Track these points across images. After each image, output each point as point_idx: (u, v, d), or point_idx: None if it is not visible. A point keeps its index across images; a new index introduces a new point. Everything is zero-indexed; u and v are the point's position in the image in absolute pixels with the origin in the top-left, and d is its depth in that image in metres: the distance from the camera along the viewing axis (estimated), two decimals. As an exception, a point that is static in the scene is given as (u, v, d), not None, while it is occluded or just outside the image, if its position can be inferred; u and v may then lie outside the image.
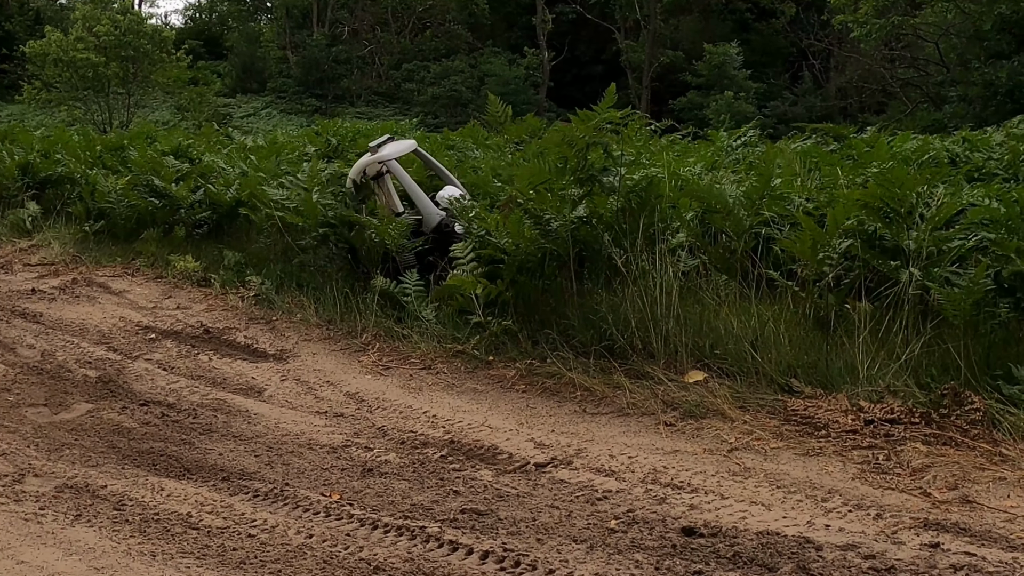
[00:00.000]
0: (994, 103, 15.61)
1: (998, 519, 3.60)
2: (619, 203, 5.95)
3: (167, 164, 10.01)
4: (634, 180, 5.86)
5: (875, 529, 3.56)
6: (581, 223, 6.02)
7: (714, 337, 5.53)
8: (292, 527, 3.72)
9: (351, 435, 5.16)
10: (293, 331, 7.33)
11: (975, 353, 4.82)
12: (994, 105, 15.62)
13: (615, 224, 6.01)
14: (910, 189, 4.92)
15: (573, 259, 6.11)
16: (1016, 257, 4.79)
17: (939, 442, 4.29)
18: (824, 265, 5.12)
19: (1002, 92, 15.24)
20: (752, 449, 4.52)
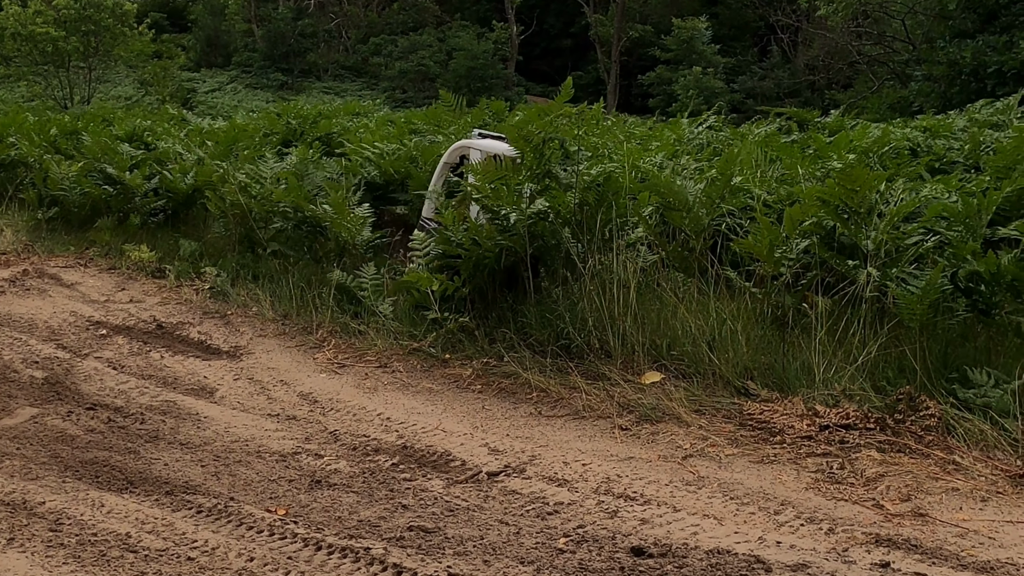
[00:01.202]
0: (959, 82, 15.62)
1: (949, 534, 3.56)
2: (577, 198, 5.85)
3: (121, 151, 9.78)
4: (591, 176, 5.76)
5: (826, 546, 3.51)
6: (538, 219, 5.92)
7: (671, 337, 5.47)
8: (233, 549, 3.62)
9: (302, 440, 5.06)
10: (248, 326, 7.20)
11: (932, 355, 4.79)
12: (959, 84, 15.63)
13: (572, 220, 5.92)
14: (868, 190, 4.86)
15: (530, 256, 6.02)
16: (971, 258, 4.74)
17: (893, 449, 4.25)
18: (781, 265, 5.06)
19: (966, 72, 15.24)
20: (707, 456, 4.47)
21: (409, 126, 11.27)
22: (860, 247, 5.00)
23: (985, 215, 5.22)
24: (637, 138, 9.46)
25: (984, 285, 4.73)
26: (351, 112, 13.35)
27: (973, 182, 6.38)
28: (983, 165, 6.98)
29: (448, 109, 10.75)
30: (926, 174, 6.77)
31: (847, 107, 26.23)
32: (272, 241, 7.91)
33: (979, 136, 7.62)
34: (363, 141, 9.32)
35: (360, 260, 7.36)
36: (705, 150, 8.62)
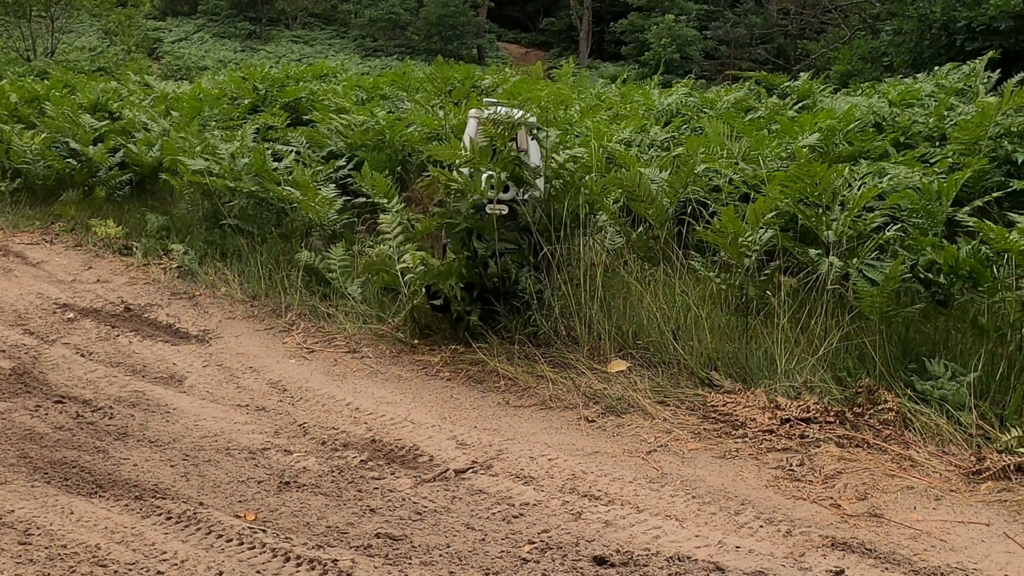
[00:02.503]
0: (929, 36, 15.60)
1: (903, 536, 3.66)
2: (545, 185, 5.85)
3: (84, 124, 9.65)
4: (559, 162, 5.76)
5: (784, 550, 3.60)
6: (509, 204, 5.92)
7: (637, 324, 5.52)
8: (203, 561, 3.67)
9: (271, 434, 5.10)
10: (216, 308, 7.19)
11: (891, 345, 4.87)
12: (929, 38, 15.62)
13: (541, 206, 5.92)
14: (828, 184, 4.90)
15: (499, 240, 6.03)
16: (930, 250, 4.81)
17: (852, 444, 4.34)
18: (744, 257, 5.10)
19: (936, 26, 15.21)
20: (670, 451, 4.54)
21: (378, 91, 11.16)
22: (822, 239, 5.05)
23: (946, 200, 5.28)
24: (606, 105, 9.43)
25: (943, 276, 4.80)
26: (318, 74, 13.19)
27: (937, 157, 6.43)
28: (948, 136, 7.03)
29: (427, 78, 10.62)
30: (891, 149, 6.81)
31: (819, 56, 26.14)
32: (237, 219, 7.87)
33: (944, 106, 7.66)
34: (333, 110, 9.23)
35: (329, 239, 7.35)
36: (675, 120, 8.61)
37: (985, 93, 8.74)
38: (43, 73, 21.23)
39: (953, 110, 7.58)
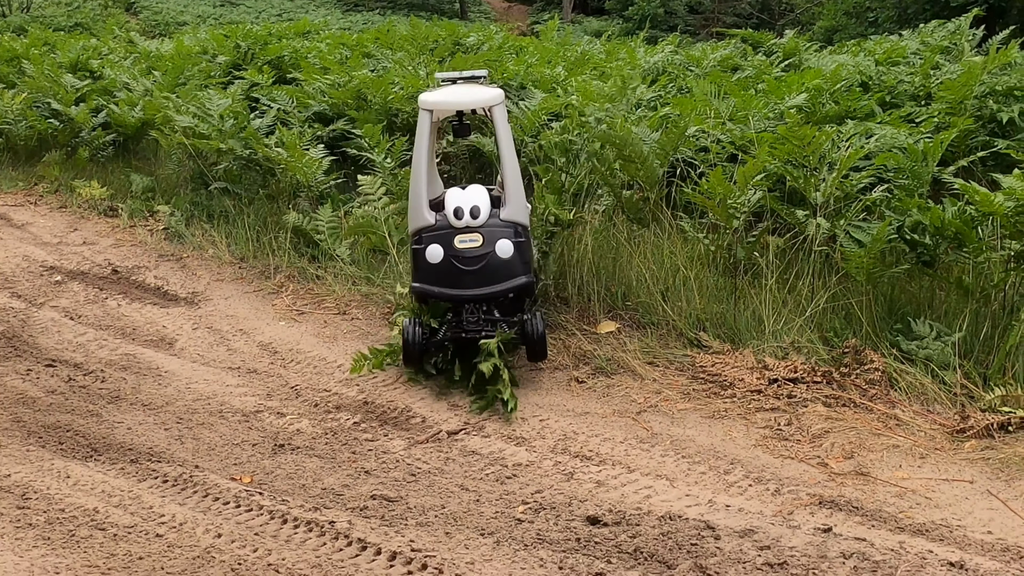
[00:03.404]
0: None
1: (889, 494, 3.74)
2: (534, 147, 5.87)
3: (65, 83, 9.55)
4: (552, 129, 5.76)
5: (773, 508, 3.68)
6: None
7: (626, 286, 5.56)
8: (201, 524, 3.72)
9: (264, 397, 5.13)
10: (204, 270, 7.19)
11: (877, 306, 4.93)
12: (914, -8, 15.59)
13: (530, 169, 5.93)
14: (817, 146, 4.92)
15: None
16: (917, 211, 4.85)
17: (839, 404, 4.41)
18: (733, 218, 5.13)
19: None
20: (660, 411, 4.61)
21: (362, 49, 11.06)
22: (809, 201, 5.08)
23: (932, 161, 5.31)
24: (591, 64, 9.39)
25: (928, 237, 4.85)
26: (301, 31, 13.06)
27: (923, 117, 6.46)
28: (934, 96, 7.05)
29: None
30: (877, 109, 6.83)
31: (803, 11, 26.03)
32: (224, 180, 7.83)
33: (930, 64, 7.67)
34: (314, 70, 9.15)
35: (316, 200, 7.34)
36: (661, 78, 8.58)
37: (970, 51, 8.76)
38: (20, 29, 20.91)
39: (939, 69, 7.60)
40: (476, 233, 4.86)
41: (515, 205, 4.95)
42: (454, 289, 4.86)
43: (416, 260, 4.95)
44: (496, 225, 4.88)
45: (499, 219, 4.91)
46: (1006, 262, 4.75)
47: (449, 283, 4.86)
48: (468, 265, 4.84)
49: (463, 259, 4.84)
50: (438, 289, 4.88)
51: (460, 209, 4.86)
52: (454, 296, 4.87)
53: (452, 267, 4.85)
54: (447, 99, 5.05)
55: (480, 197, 4.93)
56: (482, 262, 4.82)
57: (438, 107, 5.06)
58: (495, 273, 4.83)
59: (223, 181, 7.83)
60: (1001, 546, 3.35)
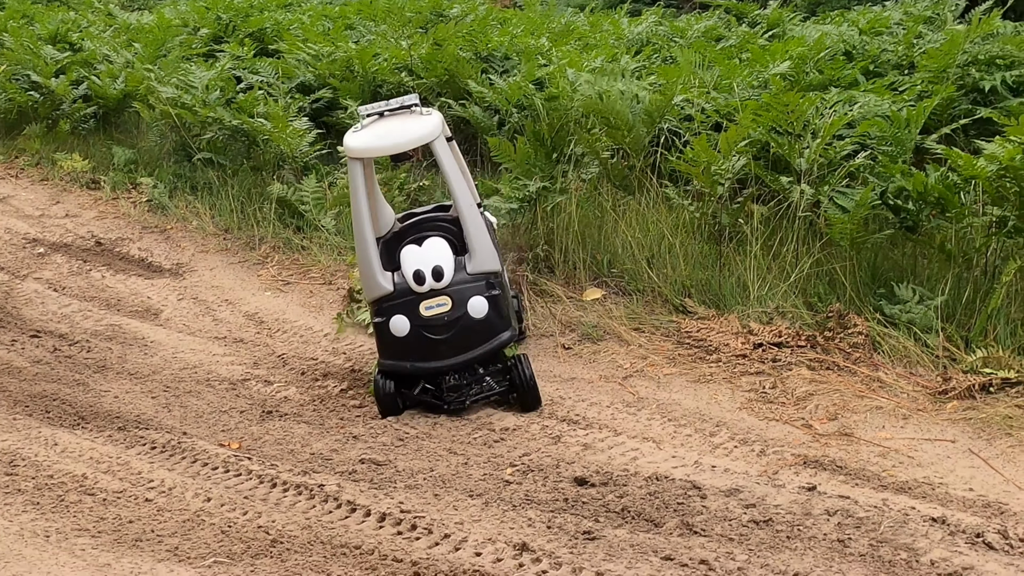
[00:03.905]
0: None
1: (872, 454, 3.78)
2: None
3: (45, 56, 9.45)
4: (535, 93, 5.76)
5: (758, 469, 3.72)
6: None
7: (612, 253, 5.58)
8: (190, 488, 3.73)
9: (251, 365, 5.14)
10: (189, 241, 7.16)
11: (861, 271, 4.96)
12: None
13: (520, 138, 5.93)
14: (801, 112, 4.94)
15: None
16: (900, 177, 4.88)
17: (823, 367, 4.45)
18: (717, 185, 5.15)
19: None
20: (646, 376, 4.64)
21: (345, 21, 10.98)
22: (793, 167, 5.10)
23: (915, 127, 5.34)
24: (575, 35, 9.36)
25: (911, 203, 4.88)
26: (283, 3, 12.93)
27: (905, 85, 6.48)
28: (916, 65, 7.07)
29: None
30: (861, 78, 6.84)
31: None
32: (207, 152, 7.79)
33: (913, 34, 7.69)
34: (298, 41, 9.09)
35: (300, 171, 7.31)
36: (645, 49, 8.57)
37: (953, 21, 8.77)
38: (-3, 3, 20.62)
39: (922, 38, 7.61)
40: (443, 296, 4.30)
41: (482, 253, 4.37)
42: (429, 362, 4.32)
43: (380, 335, 4.39)
44: (464, 282, 4.33)
45: (466, 273, 4.35)
46: (988, 227, 4.78)
47: (422, 356, 4.32)
48: (440, 333, 4.30)
49: (433, 327, 4.30)
50: (412, 364, 4.35)
51: (420, 273, 4.30)
52: (431, 369, 4.34)
53: (422, 338, 4.30)
54: (374, 144, 4.35)
55: (440, 254, 4.35)
56: (455, 327, 4.29)
57: (368, 155, 4.39)
58: (472, 337, 4.31)
59: (207, 152, 7.79)
60: (982, 502, 3.41)
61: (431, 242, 4.43)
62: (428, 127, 4.36)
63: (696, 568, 3.04)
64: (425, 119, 4.39)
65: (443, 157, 4.38)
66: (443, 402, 4.37)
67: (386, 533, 3.34)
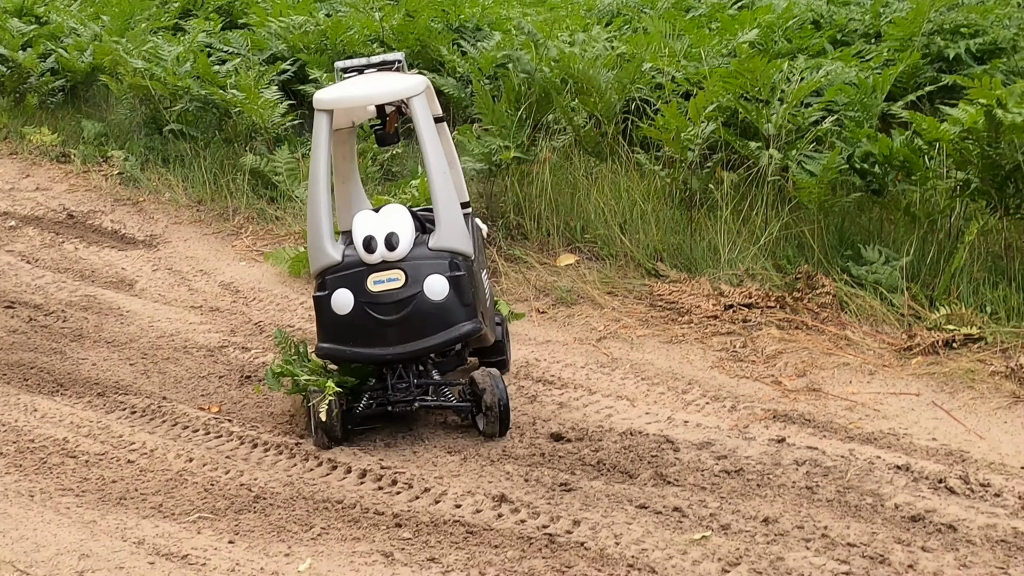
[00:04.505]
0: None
1: (840, 407, 3.89)
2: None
3: (11, 28, 9.36)
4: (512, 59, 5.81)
5: (729, 423, 3.81)
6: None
7: (585, 219, 5.65)
8: (172, 449, 3.78)
9: (228, 333, 5.17)
10: (162, 213, 7.16)
11: (828, 234, 5.07)
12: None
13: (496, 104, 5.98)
14: (768, 79, 5.02)
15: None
16: (866, 141, 4.98)
17: (791, 326, 4.56)
18: (688, 149, 5.23)
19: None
20: (620, 338, 4.72)
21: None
22: (762, 132, 5.19)
23: (880, 94, 5.44)
24: (548, 6, 9.38)
25: (877, 166, 4.98)
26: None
27: (872, 54, 6.58)
28: (883, 33, 7.17)
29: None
30: (828, 46, 6.94)
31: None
32: (179, 124, 7.77)
33: (880, 3, 7.78)
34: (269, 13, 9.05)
35: (273, 143, 7.31)
36: (616, 19, 8.62)
37: (919, -9, 8.88)
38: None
39: (888, 7, 7.71)
40: (395, 270, 3.66)
41: (449, 227, 3.75)
42: (372, 348, 3.67)
43: (320, 312, 3.74)
44: (423, 257, 3.69)
45: (427, 248, 3.72)
46: (951, 190, 4.90)
47: (365, 340, 3.66)
48: (388, 314, 3.64)
49: (380, 306, 3.64)
50: (352, 349, 3.69)
51: (371, 239, 3.67)
52: (373, 357, 3.69)
53: (367, 318, 3.65)
54: (347, 94, 3.86)
55: (398, 220, 3.74)
56: (407, 308, 3.64)
57: (338, 105, 3.85)
58: (426, 322, 3.65)
59: (178, 124, 7.77)
60: (944, 451, 3.52)
61: (390, 208, 3.85)
62: (409, 82, 3.85)
63: (670, 515, 3.13)
64: (407, 76, 3.93)
65: (420, 117, 3.80)
66: (387, 401, 3.72)
67: (367, 488, 3.40)
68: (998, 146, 4.46)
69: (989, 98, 4.40)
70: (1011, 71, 5.96)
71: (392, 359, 3.70)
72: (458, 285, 3.70)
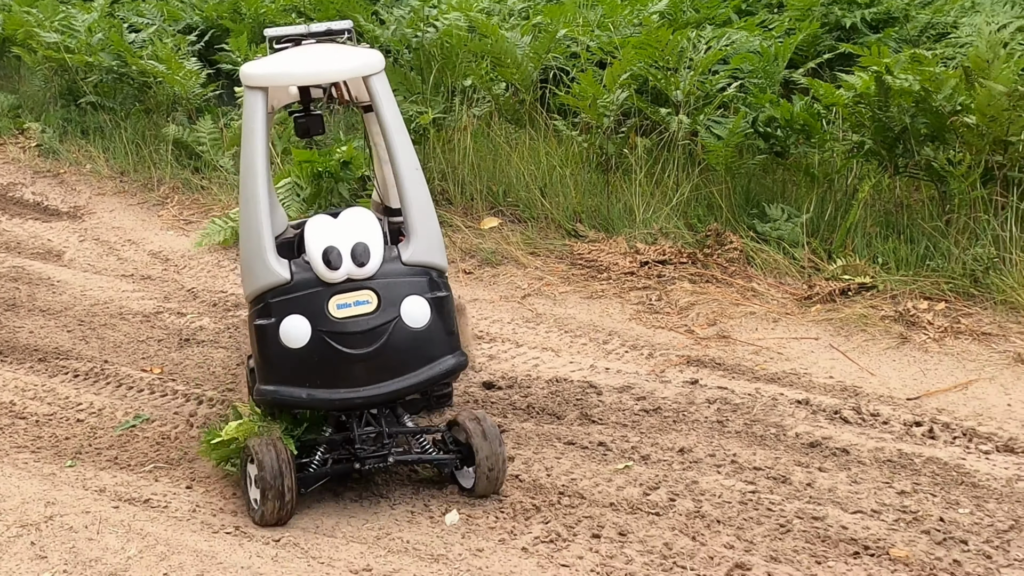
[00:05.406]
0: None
1: (747, 352, 4.23)
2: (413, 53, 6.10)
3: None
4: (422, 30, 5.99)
5: (647, 369, 4.12)
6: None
7: (507, 184, 5.90)
8: (120, 408, 3.93)
9: (162, 299, 5.30)
10: (84, 184, 7.18)
11: (735, 194, 5.41)
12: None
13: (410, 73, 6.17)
14: (675, 48, 5.33)
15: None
16: (769, 106, 5.32)
17: (702, 280, 4.89)
18: (603, 117, 5.51)
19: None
20: (543, 295, 5.00)
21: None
22: (671, 98, 5.50)
23: (782, 61, 5.79)
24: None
25: (780, 130, 5.32)
26: None
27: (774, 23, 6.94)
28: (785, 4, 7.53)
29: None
30: (734, 16, 7.28)
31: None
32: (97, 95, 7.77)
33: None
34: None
35: (194, 113, 7.37)
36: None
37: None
38: None
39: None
40: (365, 290, 3.00)
41: (426, 236, 3.11)
42: (336, 390, 2.99)
43: (263, 345, 3.01)
44: (397, 274, 3.04)
45: (400, 263, 3.06)
46: (847, 151, 5.27)
47: (327, 380, 2.98)
48: (357, 346, 2.97)
49: (347, 336, 2.96)
50: (309, 393, 2.98)
51: (334, 252, 2.98)
52: (338, 402, 3.01)
53: (330, 352, 2.96)
54: (290, 69, 3.14)
55: (366, 228, 3.05)
56: (380, 339, 2.98)
57: (277, 82, 3.18)
58: (405, 356, 3.01)
59: (95, 96, 7.77)
60: (840, 387, 3.88)
61: (351, 213, 3.13)
62: (370, 57, 3.17)
63: (595, 449, 3.43)
64: (363, 50, 3.25)
65: (384, 101, 3.13)
66: (354, 457, 3.04)
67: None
68: (888, 110, 4.83)
69: (879, 65, 4.77)
70: (903, 39, 6.36)
71: (363, 404, 3.01)
72: (441, 308, 3.07)
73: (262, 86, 3.08)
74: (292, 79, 3.21)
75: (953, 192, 4.72)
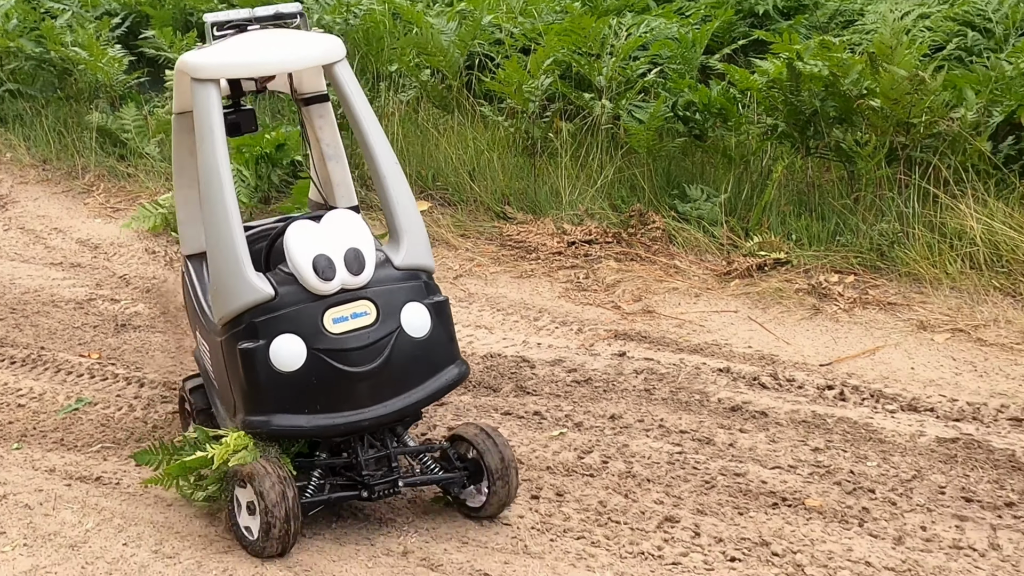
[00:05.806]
0: None
1: (671, 325, 4.45)
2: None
3: None
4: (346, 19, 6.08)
5: (577, 343, 4.31)
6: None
7: (436, 168, 6.03)
8: (61, 392, 3.98)
9: (93, 287, 5.31)
10: (5, 173, 7.10)
11: (657, 176, 5.63)
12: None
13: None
14: (596, 36, 5.52)
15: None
16: (688, 90, 5.54)
17: (627, 259, 5.09)
18: (529, 101, 5.67)
19: None
20: (474, 275, 5.15)
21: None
22: (594, 83, 5.69)
23: (699, 48, 6.02)
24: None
25: (698, 113, 5.56)
26: None
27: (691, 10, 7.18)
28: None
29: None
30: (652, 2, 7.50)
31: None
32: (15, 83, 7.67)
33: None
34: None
35: (118, 100, 7.33)
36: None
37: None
38: None
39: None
40: (362, 300, 2.77)
41: (416, 237, 2.94)
42: (340, 414, 2.75)
43: (249, 371, 2.74)
44: (391, 280, 2.84)
45: (393, 268, 2.87)
46: (762, 134, 5.53)
47: (328, 404, 2.75)
48: (359, 363, 2.74)
49: (347, 354, 2.74)
50: (309, 420, 2.74)
51: (325, 260, 2.75)
52: (343, 427, 2.77)
53: (329, 372, 2.73)
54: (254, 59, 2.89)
55: (356, 233, 2.83)
56: (383, 353, 2.77)
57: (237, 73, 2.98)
58: (410, 369, 2.81)
59: (13, 84, 7.66)
60: (758, 356, 4.12)
61: (337, 216, 2.88)
62: (330, 43, 2.94)
63: (531, 418, 3.60)
64: (321, 35, 3.02)
65: (352, 90, 2.92)
66: (362, 485, 2.81)
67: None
68: (799, 94, 5.08)
69: (790, 52, 5.02)
70: (813, 26, 6.66)
71: (370, 426, 2.77)
72: (441, 314, 2.87)
73: (215, 78, 2.81)
74: (251, 69, 2.95)
75: (860, 172, 5.00)
